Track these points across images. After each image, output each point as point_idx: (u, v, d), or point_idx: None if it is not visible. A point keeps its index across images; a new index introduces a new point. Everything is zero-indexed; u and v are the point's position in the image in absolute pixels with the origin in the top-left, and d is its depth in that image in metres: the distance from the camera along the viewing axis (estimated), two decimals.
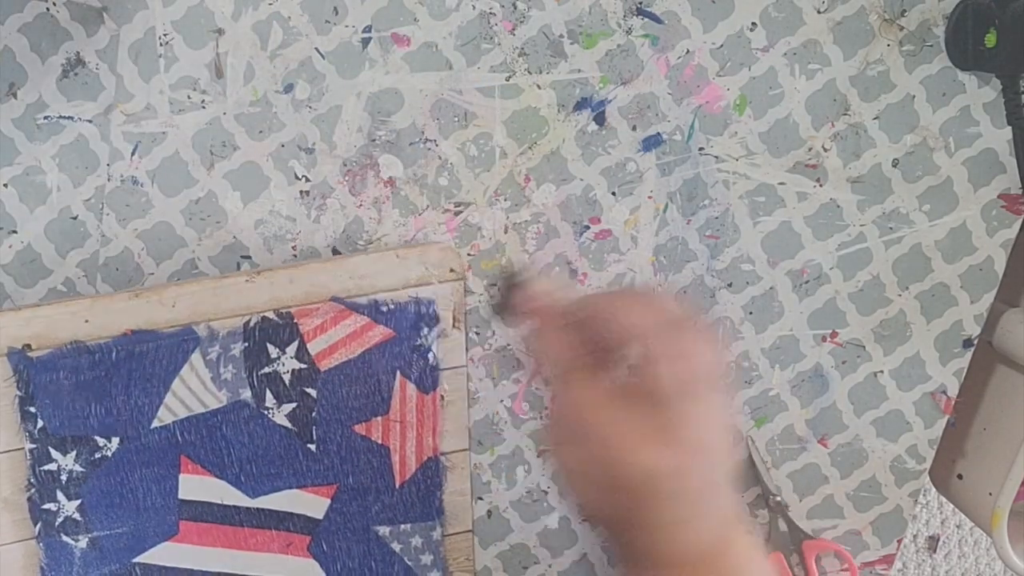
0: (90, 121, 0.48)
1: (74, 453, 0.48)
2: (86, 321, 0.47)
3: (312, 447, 0.50)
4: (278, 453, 0.50)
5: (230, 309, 0.48)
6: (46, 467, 0.48)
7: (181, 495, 0.49)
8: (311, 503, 0.51)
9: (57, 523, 0.48)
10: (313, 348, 0.49)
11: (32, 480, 0.48)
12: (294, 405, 0.49)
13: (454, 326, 0.50)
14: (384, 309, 0.49)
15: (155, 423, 0.48)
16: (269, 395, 0.49)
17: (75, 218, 0.49)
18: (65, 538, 0.49)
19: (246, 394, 0.49)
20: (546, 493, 0.55)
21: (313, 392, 0.49)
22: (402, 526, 0.52)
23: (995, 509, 0.55)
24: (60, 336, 0.47)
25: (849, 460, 0.57)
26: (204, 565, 0.50)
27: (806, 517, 0.57)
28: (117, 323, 0.47)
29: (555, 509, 0.55)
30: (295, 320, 0.49)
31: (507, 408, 0.54)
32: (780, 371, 0.55)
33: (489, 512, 0.55)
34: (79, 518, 0.49)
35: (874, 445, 0.57)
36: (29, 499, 0.48)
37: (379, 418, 0.50)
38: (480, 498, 0.55)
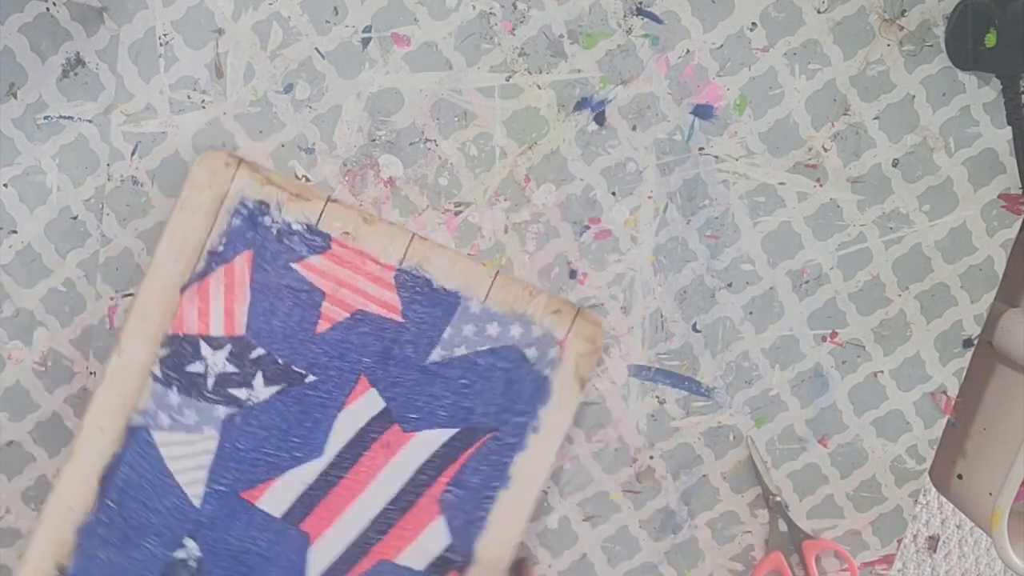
0: (90, 121, 0.48)
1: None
2: None
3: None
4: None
5: None
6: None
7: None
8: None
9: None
10: None
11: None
12: None
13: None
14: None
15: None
16: None
17: (75, 218, 0.49)
18: None
19: None
20: (546, 493, 0.55)
21: None
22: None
23: (995, 509, 0.55)
24: None
25: (849, 460, 0.57)
26: None
27: (806, 517, 0.57)
28: None
29: (555, 509, 0.55)
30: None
31: None
32: (780, 371, 0.55)
33: None
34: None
35: (874, 445, 0.56)
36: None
37: None
38: None
